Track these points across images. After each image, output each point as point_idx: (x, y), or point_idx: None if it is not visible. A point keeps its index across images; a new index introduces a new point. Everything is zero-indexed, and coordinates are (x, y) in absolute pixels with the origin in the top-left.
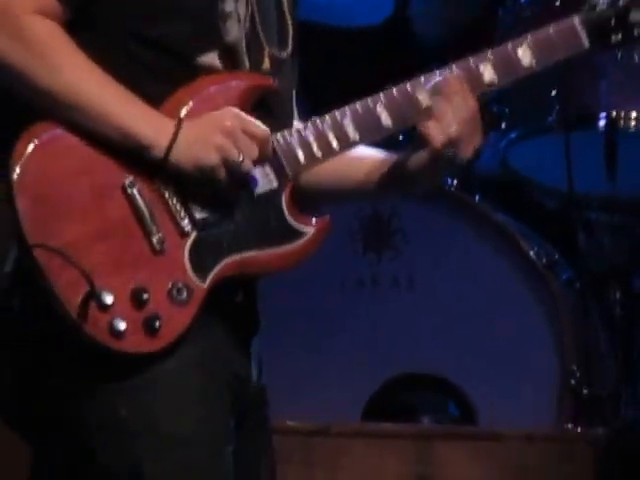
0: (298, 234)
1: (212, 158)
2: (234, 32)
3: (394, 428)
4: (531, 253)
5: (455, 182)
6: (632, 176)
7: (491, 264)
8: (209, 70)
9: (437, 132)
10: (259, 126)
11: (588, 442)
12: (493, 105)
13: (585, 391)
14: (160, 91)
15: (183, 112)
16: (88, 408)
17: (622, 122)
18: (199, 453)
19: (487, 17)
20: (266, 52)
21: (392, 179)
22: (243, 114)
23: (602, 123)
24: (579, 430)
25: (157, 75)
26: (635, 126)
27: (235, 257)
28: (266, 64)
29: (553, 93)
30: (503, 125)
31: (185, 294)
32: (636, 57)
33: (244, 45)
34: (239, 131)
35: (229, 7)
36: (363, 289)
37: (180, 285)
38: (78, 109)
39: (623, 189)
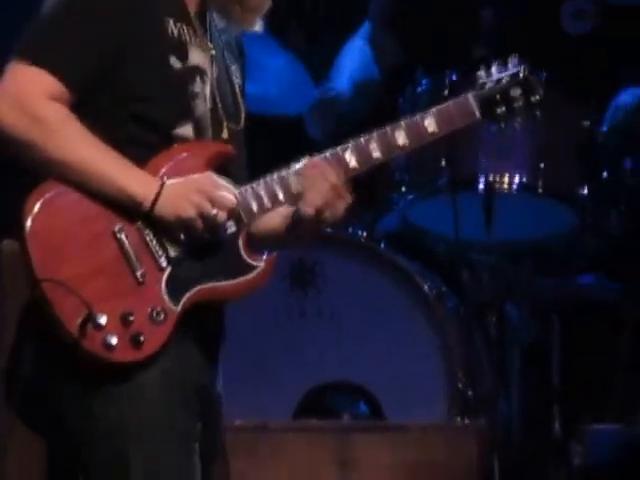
0: (252, 268)
1: (190, 213)
2: (201, 108)
3: (319, 424)
4: (425, 287)
5: (364, 234)
6: (504, 226)
7: (393, 296)
8: (182, 139)
9: (306, 205)
10: (228, 186)
11: (473, 431)
12: (395, 174)
13: (469, 392)
14: (143, 155)
15: (163, 173)
16: (85, 409)
17: (497, 185)
18: (174, 447)
19: (389, 105)
20: (224, 125)
21: (286, 233)
22: (215, 176)
23: (481, 185)
24: (466, 422)
25: (141, 144)
26: (506, 188)
27: (201, 287)
28: (225, 134)
29: (442, 163)
30: (403, 189)
31: (162, 316)
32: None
33: (209, 119)
34: (213, 190)
35: (197, 88)
36: (291, 319)
37: (158, 309)
38: (80, 175)
39: (497, 237)
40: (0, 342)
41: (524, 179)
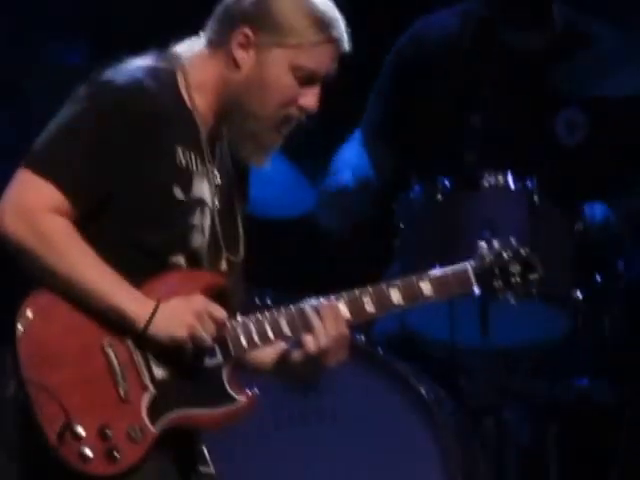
0: (232, 400)
1: (183, 333)
2: (198, 240)
3: None
4: (422, 391)
5: (363, 338)
6: (500, 331)
7: (392, 399)
8: (176, 268)
9: (310, 341)
10: (221, 311)
11: None
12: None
13: None
14: (138, 277)
15: (158, 296)
16: None
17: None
18: None
19: (384, 211)
20: (223, 256)
21: (281, 369)
22: (209, 301)
23: (477, 291)
24: None
25: (138, 266)
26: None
27: (179, 412)
28: (223, 266)
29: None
30: None
31: (140, 434)
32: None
33: (205, 250)
34: (206, 314)
35: (196, 221)
36: (294, 425)
37: (136, 427)
38: (77, 289)
39: (493, 342)
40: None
41: None
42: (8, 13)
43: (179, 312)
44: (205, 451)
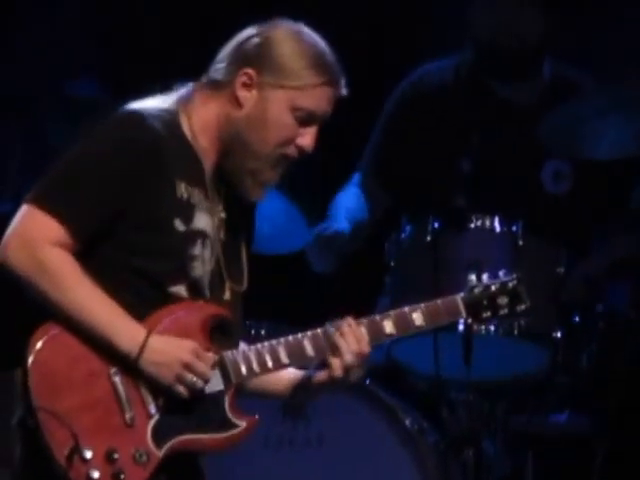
0: (234, 426)
1: (169, 381)
2: (199, 270)
3: None
4: (406, 422)
5: None
6: (482, 365)
7: (376, 430)
8: (177, 298)
9: (336, 363)
10: (210, 358)
11: None
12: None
13: None
14: (141, 308)
15: (159, 328)
16: None
17: (475, 327)
18: None
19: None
20: (227, 286)
21: (300, 390)
22: (197, 346)
23: (461, 326)
24: None
25: (139, 295)
26: (485, 329)
27: (183, 437)
28: (227, 295)
29: None
30: None
31: (145, 458)
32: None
33: (207, 280)
34: (194, 360)
35: (197, 251)
36: (282, 446)
37: (142, 451)
38: (77, 320)
39: (475, 375)
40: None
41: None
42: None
43: (165, 359)
44: (203, 468)
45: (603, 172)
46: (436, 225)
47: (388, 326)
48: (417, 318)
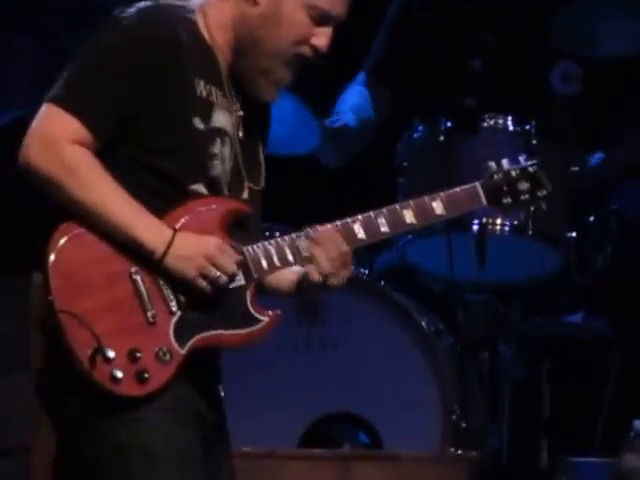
0: (256, 321)
1: (193, 275)
2: (218, 169)
3: (322, 453)
4: (422, 323)
5: (366, 271)
6: (496, 267)
7: (392, 331)
8: (197, 195)
9: (312, 269)
10: (232, 252)
11: (464, 461)
12: None
13: (463, 425)
14: (160, 206)
15: (178, 225)
16: (98, 433)
17: (490, 227)
18: (177, 467)
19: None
20: (245, 185)
21: (296, 290)
22: (222, 242)
23: (475, 227)
24: (458, 452)
25: (159, 195)
26: (499, 230)
27: (206, 334)
28: (245, 194)
29: None
30: None
31: (168, 356)
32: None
33: (226, 178)
34: (218, 255)
35: (216, 149)
36: (298, 350)
37: (165, 349)
38: (100, 219)
39: (489, 276)
40: (28, 371)
41: (515, 221)
42: None
43: (191, 253)
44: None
45: (616, 71)
46: (448, 124)
47: (408, 215)
48: (437, 207)
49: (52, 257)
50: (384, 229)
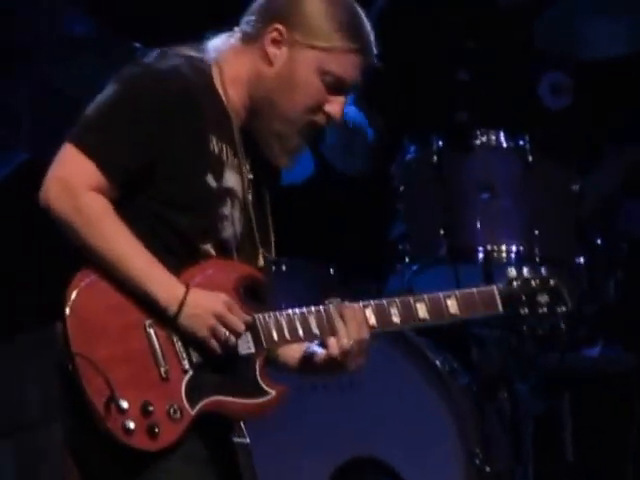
0: (264, 393)
1: (204, 334)
2: (228, 231)
3: None
4: (437, 362)
5: None
6: None
7: (407, 371)
8: (207, 255)
9: (333, 344)
10: (242, 313)
11: None
12: (398, 244)
13: (487, 469)
14: (173, 262)
15: (193, 283)
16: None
17: (495, 254)
18: None
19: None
20: (260, 251)
21: (305, 367)
22: (230, 300)
23: (480, 255)
24: None
25: (171, 250)
26: (504, 257)
27: (215, 398)
28: (260, 262)
29: (441, 231)
30: (407, 259)
31: (179, 414)
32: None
33: (235, 241)
34: (227, 313)
35: (226, 211)
36: (316, 391)
37: (176, 407)
38: (115, 270)
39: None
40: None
41: (520, 248)
42: None
43: (202, 312)
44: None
45: (606, 75)
46: (440, 144)
47: (421, 310)
48: (452, 305)
49: (69, 302)
50: (395, 320)
